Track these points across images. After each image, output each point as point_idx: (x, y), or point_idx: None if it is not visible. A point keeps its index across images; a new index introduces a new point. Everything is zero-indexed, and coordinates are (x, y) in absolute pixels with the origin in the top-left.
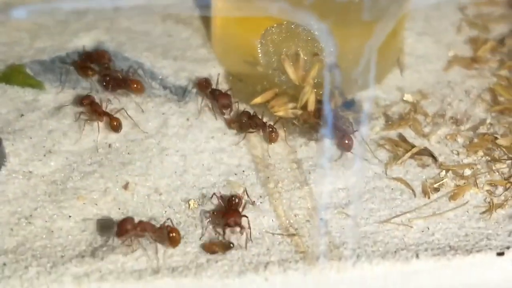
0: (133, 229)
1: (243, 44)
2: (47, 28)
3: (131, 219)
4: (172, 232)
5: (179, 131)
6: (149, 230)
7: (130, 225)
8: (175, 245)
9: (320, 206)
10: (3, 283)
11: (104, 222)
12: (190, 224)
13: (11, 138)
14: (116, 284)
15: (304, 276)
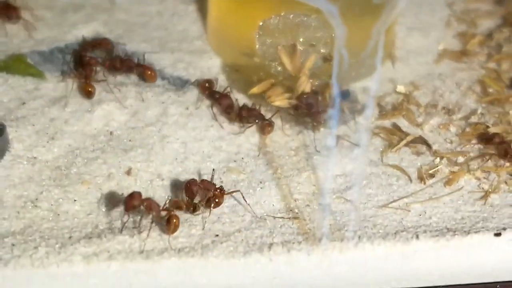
0: (140, 203)
1: (240, 35)
2: (45, 20)
3: (139, 193)
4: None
5: (179, 119)
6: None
7: (138, 200)
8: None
9: (319, 192)
10: (13, 262)
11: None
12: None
13: (14, 125)
14: (125, 263)
15: (308, 256)
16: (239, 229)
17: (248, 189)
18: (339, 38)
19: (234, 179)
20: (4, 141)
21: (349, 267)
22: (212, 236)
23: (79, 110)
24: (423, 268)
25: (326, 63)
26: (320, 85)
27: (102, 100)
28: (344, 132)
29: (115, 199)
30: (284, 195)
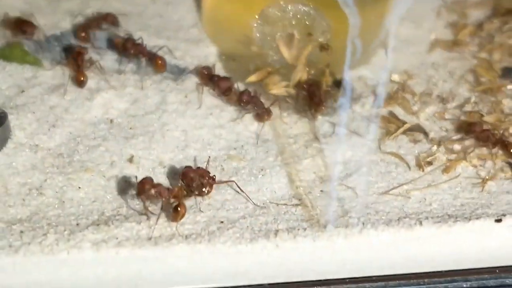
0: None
1: (236, 24)
2: (39, 8)
3: (151, 179)
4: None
5: (178, 107)
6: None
7: (149, 184)
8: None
9: (320, 179)
10: (23, 249)
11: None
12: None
13: (14, 113)
14: (134, 249)
15: (313, 242)
16: (243, 215)
17: (249, 176)
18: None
19: (235, 166)
20: (6, 129)
21: (354, 253)
22: (217, 222)
23: (78, 98)
24: (426, 254)
25: (323, 52)
26: (317, 74)
27: (101, 88)
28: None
29: (119, 187)
30: (286, 183)
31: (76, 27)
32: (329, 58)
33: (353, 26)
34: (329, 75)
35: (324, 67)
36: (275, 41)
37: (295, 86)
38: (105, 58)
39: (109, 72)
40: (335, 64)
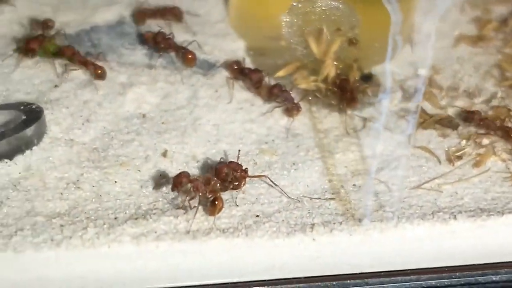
0: (187, 182)
1: (264, 18)
2: (68, 3)
3: (187, 173)
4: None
5: (209, 102)
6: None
7: (185, 178)
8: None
9: (351, 173)
10: (65, 242)
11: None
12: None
13: (49, 108)
14: (173, 243)
15: (350, 236)
16: (278, 209)
17: (282, 171)
18: (395, 23)
19: (268, 160)
20: (42, 124)
21: (388, 247)
22: (253, 216)
23: (110, 92)
24: (460, 248)
25: (351, 47)
26: (345, 68)
27: (133, 83)
28: (370, 115)
29: (154, 181)
30: (318, 177)
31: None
32: (357, 52)
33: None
34: (357, 69)
35: (352, 61)
36: (303, 36)
37: (324, 80)
38: (135, 53)
39: (140, 67)
40: (363, 59)
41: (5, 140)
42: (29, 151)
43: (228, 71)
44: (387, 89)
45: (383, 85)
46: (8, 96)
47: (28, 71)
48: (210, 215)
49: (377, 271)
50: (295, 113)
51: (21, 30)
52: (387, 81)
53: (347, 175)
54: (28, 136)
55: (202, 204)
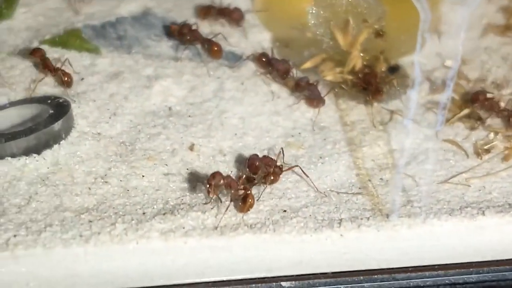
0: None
1: (290, 10)
2: None
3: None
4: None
5: (235, 94)
6: (233, 187)
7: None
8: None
9: (378, 167)
10: (93, 239)
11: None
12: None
13: (76, 101)
14: (201, 239)
15: (377, 232)
16: (305, 204)
17: (309, 165)
18: (424, 22)
19: (294, 154)
20: (70, 118)
21: (417, 243)
22: (280, 211)
23: (137, 85)
24: (487, 243)
25: (378, 39)
26: (371, 60)
27: (159, 75)
28: (397, 107)
29: (181, 175)
30: (345, 170)
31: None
32: (384, 44)
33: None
34: (384, 61)
35: (379, 53)
36: (330, 27)
37: (350, 72)
38: (161, 45)
39: (166, 59)
40: (390, 50)
41: (33, 135)
42: (57, 145)
43: (256, 64)
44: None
45: (410, 77)
46: (35, 89)
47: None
48: (240, 211)
49: (405, 267)
50: (318, 105)
51: (47, 22)
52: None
53: (374, 169)
54: (56, 130)
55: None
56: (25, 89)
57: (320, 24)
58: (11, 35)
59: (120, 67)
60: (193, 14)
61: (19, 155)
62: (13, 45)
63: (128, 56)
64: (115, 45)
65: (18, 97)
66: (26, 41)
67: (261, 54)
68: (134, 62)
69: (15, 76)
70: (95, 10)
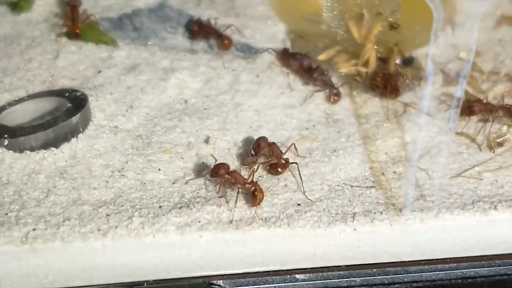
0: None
1: (305, 2)
2: None
3: (226, 165)
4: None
5: (250, 87)
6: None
7: (224, 169)
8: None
9: (392, 160)
10: (111, 232)
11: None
12: (273, 176)
13: (93, 94)
14: (216, 233)
15: (391, 226)
16: (319, 198)
17: (323, 157)
18: (437, 21)
19: (308, 147)
20: (87, 111)
21: (429, 237)
22: (294, 205)
23: (153, 78)
24: (499, 236)
25: (392, 31)
26: (386, 52)
27: (175, 68)
28: (411, 100)
29: (197, 168)
30: (358, 163)
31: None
32: (398, 36)
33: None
34: (398, 53)
35: (393, 45)
36: (344, 20)
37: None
38: (177, 37)
39: (181, 51)
40: (404, 42)
41: (51, 129)
42: (74, 139)
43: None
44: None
45: (424, 69)
46: (53, 82)
47: (72, 57)
48: (252, 206)
49: (417, 260)
50: (335, 99)
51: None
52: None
53: (387, 162)
54: (74, 124)
55: (244, 193)
56: (43, 81)
57: (334, 16)
58: (29, 27)
59: (137, 60)
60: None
61: (37, 149)
62: (31, 37)
63: (144, 48)
64: (131, 37)
65: (36, 90)
66: (44, 33)
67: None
68: (150, 54)
69: (33, 68)
70: (112, 2)
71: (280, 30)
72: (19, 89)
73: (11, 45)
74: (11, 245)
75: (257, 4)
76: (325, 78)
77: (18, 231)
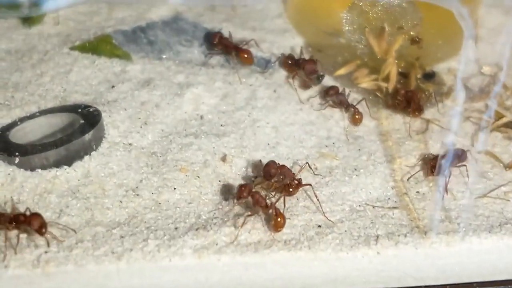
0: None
1: (323, 15)
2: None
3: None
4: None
5: (268, 102)
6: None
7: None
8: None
9: (415, 179)
10: (126, 256)
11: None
12: (292, 197)
13: (107, 110)
14: (235, 257)
15: (415, 250)
16: (340, 219)
17: (343, 177)
18: (467, 38)
19: (328, 165)
20: (101, 128)
21: (454, 260)
22: (315, 227)
23: (168, 93)
24: None
25: (413, 45)
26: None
27: (191, 83)
28: (433, 116)
29: (213, 187)
30: (380, 183)
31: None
32: (420, 51)
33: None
34: (419, 67)
35: (414, 60)
36: (364, 34)
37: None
38: (192, 50)
39: (197, 66)
40: (425, 56)
41: (64, 146)
42: (87, 156)
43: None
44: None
45: (446, 84)
46: (65, 97)
47: (85, 71)
48: (272, 230)
49: (443, 284)
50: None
51: (77, 27)
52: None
53: (410, 181)
54: (87, 141)
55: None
56: (55, 97)
57: (354, 30)
58: (41, 41)
59: (151, 74)
60: (224, 18)
61: (49, 167)
62: (43, 51)
63: (159, 62)
64: (145, 51)
65: (48, 105)
66: (56, 47)
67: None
68: (165, 68)
69: (45, 83)
70: (125, 14)
71: (298, 43)
72: (30, 104)
73: (23, 59)
74: (22, 268)
75: (275, 17)
76: (341, 98)
77: (29, 254)
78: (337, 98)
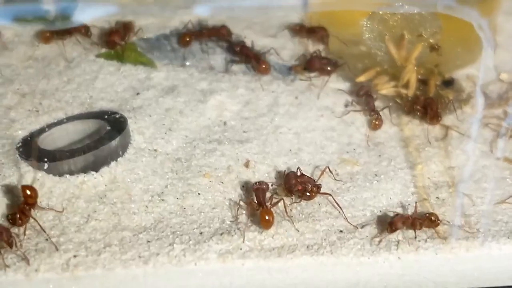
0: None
1: (344, 22)
2: (149, 6)
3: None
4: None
5: (290, 109)
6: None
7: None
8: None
9: (434, 185)
10: (152, 260)
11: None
12: (313, 201)
13: (132, 116)
14: (258, 261)
15: (435, 255)
16: (361, 224)
17: (364, 182)
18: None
19: (349, 171)
20: (127, 134)
21: (474, 265)
22: (336, 232)
23: (192, 100)
24: None
25: (433, 52)
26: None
27: (214, 89)
28: (452, 122)
29: (237, 192)
30: (401, 188)
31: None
32: (439, 58)
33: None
34: (438, 74)
35: (433, 67)
36: (384, 41)
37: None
38: (215, 57)
39: (220, 73)
40: (444, 63)
41: (91, 152)
42: (114, 162)
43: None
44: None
45: (465, 91)
46: (91, 104)
47: (110, 78)
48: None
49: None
50: (376, 124)
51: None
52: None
53: (430, 187)
54: (114, 147)
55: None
56: (81, 103)
57: (374, 37)
58: (67, 48)
59: (175, 81)
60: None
61: (77, 173)
62: (70, 58)
63: (182, 69)
64: (169, 58)
65: (75, 112)
66: (82, 54)
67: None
68: (188, 75)
69: (71, 90)
70: (149, 22)
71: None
72: (57, 111)
73: (49, 66)
74: (52, 272)
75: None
76: (369, 100)
77: (59, 258)
78: (366, 100)
